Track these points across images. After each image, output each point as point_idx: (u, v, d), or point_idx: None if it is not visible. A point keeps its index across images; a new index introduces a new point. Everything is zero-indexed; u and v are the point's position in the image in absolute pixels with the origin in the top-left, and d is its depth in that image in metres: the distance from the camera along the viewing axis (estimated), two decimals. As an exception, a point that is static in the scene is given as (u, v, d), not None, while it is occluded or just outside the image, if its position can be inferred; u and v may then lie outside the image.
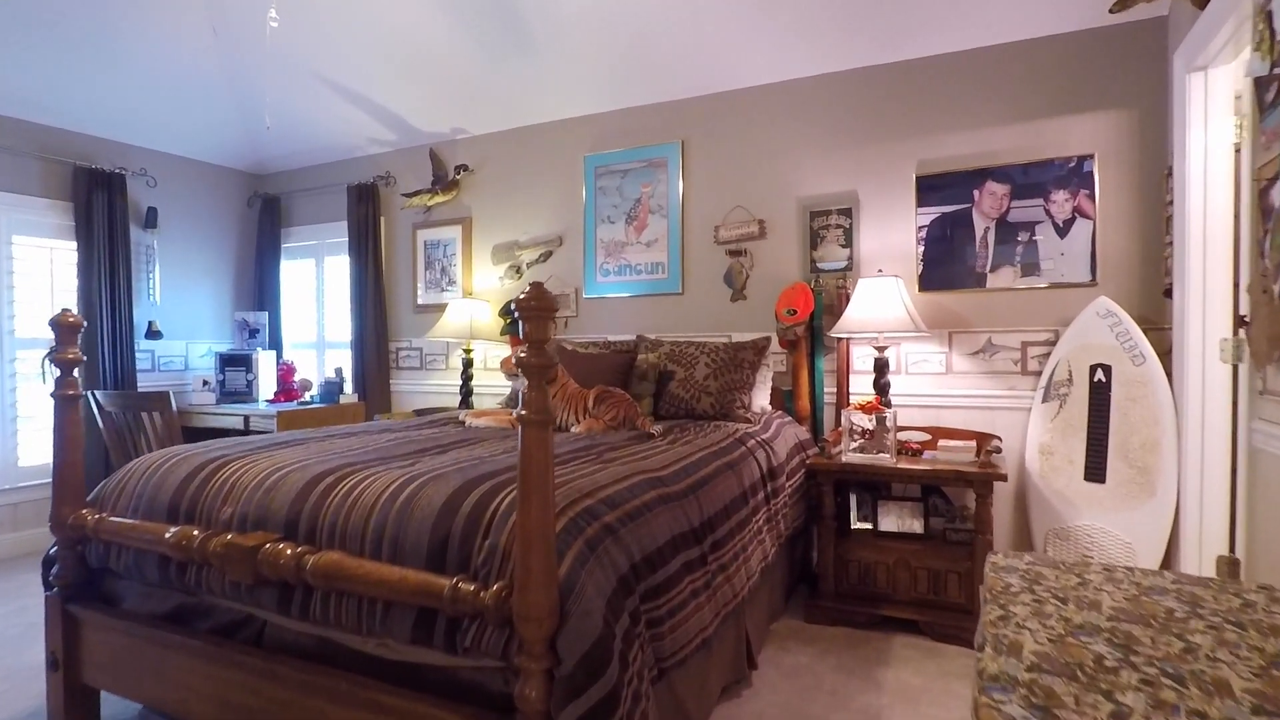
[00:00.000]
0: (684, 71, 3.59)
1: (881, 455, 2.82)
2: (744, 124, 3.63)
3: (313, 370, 5.03)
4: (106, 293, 4.22)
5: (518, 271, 4.24)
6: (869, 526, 2.98)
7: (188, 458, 2.04)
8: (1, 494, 3.90)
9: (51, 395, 2.03)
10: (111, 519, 1.94)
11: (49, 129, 4.11)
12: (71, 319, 2.03)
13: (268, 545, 1.62)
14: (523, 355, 1.28)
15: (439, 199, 4.40)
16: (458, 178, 4.37)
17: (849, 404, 3.30)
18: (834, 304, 3.35)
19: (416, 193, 4.43)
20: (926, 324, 3.14)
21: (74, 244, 4.16)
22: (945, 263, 3.18)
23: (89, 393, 3.78)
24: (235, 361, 4.61)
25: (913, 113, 3.26)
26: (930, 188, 3.20)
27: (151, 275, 4.56)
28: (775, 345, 3.48)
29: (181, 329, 4.77)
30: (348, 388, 4.69)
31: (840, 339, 3.29)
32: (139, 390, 4.34)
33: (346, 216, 4.71)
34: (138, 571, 1.93)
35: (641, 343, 3.49)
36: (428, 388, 4.54)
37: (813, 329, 3.34)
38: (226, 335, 5.02)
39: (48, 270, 4.11)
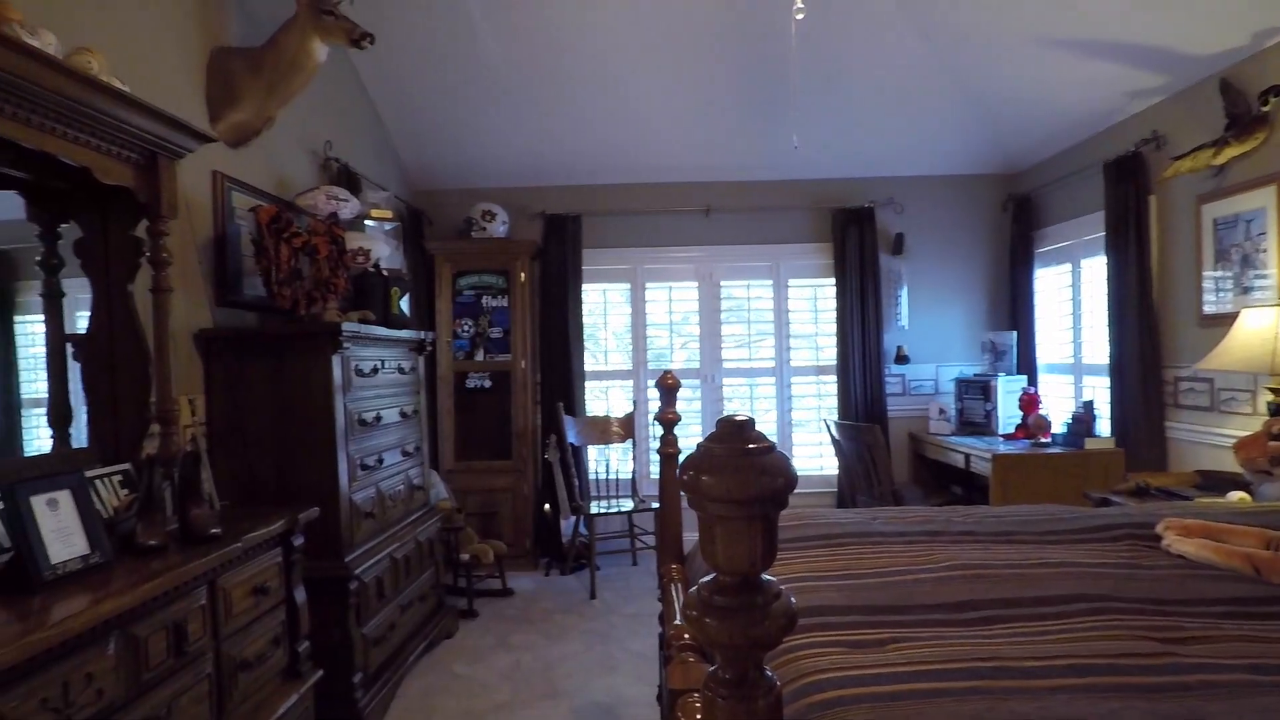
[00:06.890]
0: None
1: None
2: None
3: (1067, 400, 4.08)
4: (857, 321, 4.48)
5: (1396, 248, 2.32)
6: None
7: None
8: (784, 497, 4.64)
9: (658, 452, 2.18)
10: (676, 586, 1.94)
11: (814, 181, 4.64)
12: (671, 381, 2.14)
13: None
14: None
15: (1232, 150, 2.85)
16: (1265, 109, 2.73)
17: None
18: None
19: (1192, 151, 3.00)
20: None
21: (832, 280, 4.58)
22: None
23: (824, 420, 4.09)
24: (974, 388, 4.18)
25: None
26: None
27: (899, 300, 4.61)
28: None
29: (930, 352, 4.65)
30: (1102, 428, 3.59)
31: None
32: (886, 417, 4.46)
33: (1104, 204, 3.61)
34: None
35: None
36: (1219, 439, 3.01)
37: None
38: (976, 357, 4.62)
39: (812, 306, 4.67)
